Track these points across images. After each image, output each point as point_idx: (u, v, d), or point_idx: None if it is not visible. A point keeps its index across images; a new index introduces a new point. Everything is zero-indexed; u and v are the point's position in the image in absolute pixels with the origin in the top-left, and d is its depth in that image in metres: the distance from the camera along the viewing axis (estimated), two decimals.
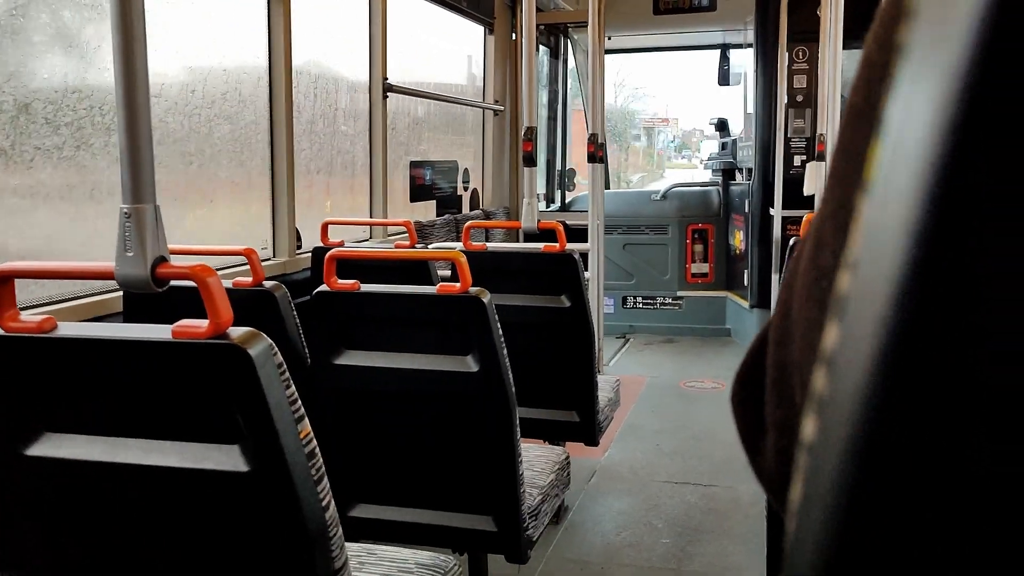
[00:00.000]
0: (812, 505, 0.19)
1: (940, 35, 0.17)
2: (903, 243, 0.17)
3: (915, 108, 0.17)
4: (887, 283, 0.17)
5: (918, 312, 0.17)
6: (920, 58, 0.18)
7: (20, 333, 1.10)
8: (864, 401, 0.17)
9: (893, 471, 0.17)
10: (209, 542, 1.15)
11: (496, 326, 1.77)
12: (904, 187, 0.17)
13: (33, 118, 2.06)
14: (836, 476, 0.18)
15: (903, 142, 0.17)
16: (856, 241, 0.19)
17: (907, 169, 0.17)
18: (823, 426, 0.19)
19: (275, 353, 1.06)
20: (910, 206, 0.17)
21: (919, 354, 0.17)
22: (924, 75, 0.17)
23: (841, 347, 0.18)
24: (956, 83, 0.16)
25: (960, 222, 0.16)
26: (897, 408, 0.17)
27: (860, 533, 0.17)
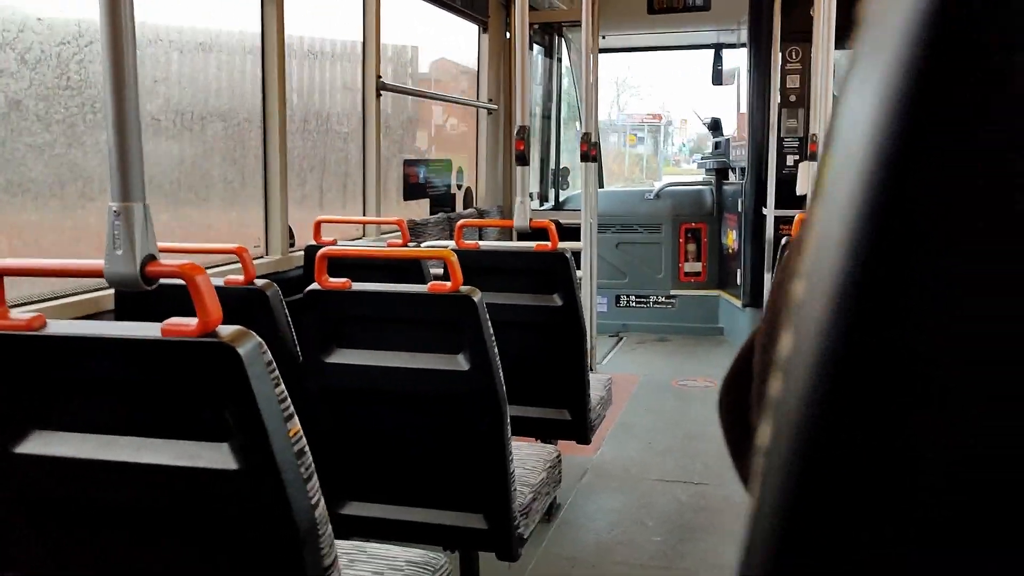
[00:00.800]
0: (763, 509, 0.19)
1: (880, 43, 0.17)
2: (843, 251, 0.17)
3: (858, 116, 0.17)
4: (829, 292, 0.17)
5: (855, 319, 0.17)
6: (864, 66, 0.18)
7: (9, 331, 1.10)
8: (807, 405, 0.17)
9: (833, 479, 0.17)
10: (199, 539, 1.15)
11: (487, 325, 1.77)
12: (846, 196, 0.17)
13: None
14: (782, 481, 0.18)
15: (848, 150, 0.18)
16: (808, 249, 0.19)
17: (849, 178, 0.17)
18: (775, 431, 0.19)
19: (264, 351, 1.06)
20: (850, 215, 0.17)
21: (856, 360, 0.17)
22: (866, 83, 0.17)
23: (792, 354, 0.19)
24: (890, 92, 0.16)
25: (896, 232, 0.17)
26: (836, 413, 0.17)
27: (800, 540, 0.18)
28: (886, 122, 0.16)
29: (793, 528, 0.18)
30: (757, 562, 0.19)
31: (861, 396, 0.17)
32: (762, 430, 0.20)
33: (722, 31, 5.85)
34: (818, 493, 0.17)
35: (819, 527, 0.17)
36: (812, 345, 0.17)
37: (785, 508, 0.18)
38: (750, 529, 0.19)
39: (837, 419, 0.17)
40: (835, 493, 0.17)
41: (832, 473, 0.17)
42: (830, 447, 0.17)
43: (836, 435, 0.17)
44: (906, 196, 0.16)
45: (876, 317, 0.17)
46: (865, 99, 0.17)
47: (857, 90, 0.18)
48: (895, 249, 0.17)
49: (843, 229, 0.17)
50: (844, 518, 0.17)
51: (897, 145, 0.16)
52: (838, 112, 0.19)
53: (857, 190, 0.17)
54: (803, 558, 0.18)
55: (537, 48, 5.91)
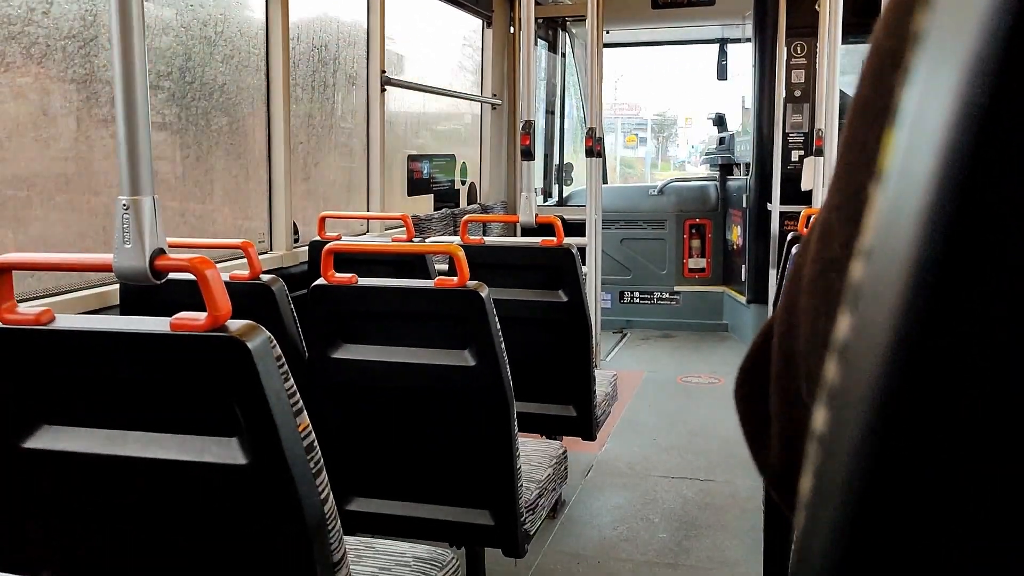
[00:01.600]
0: (824, 497, 0.18)
1: (959, 22, 0.17)
2: (920, 232, 0.17)
3: (933, 97, 0.17)
4: (903, 272, 0.17)
5: (935, 301, 0.16)
6: (938, 46, 0.17)
7: (18, 325, 1.09)
8: (878, 391, 0.17)
9: (907, 463, 0.17)
10: (208, 535, 1.15)
11: (494, 320, 1.77)
12: (921, 176, 0.17)
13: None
14: (849, 468, 0.17)
15: (920, 131, 0.17)
16: (870, 230, 0.18)
17: (925, 158, 0.17)
18: (835, 417, 0.18)
19: (274, 346, 1.05)
20: (928, 195, 0.17)
21: (935, 344, 0.17)
22: (943, 63, 0.17)
23: (854, 337, 0.18)
24: (976, 71, 0.16)
25: (979, 212, 0.16)
26: (911, 398, 0.17)
27: (874, 526, 0.17)
28: (971, 101, 0.16)
29: (862, 516, 0.17)
30: (819, 551, 0.18)
31: (938, 381, 0.16)
32: (817, 416, 0.19)
33: (727, 26, 5.83)
34: (892, 480, 0.17)
35: (891, 516, 0.17)
36: (881, 327, 0.17)
37: (853, 496, 0.17)
38: (807, 519, 0.19)
39: (911, 405, 0.17)
40: (911, 480, 0.17)
41: (908, 460, 0.17)
42: (905, 432, 0.17)
43: (911, 420, 0.17)
44: (991, 172, 0.16)
45: (957, 297, 0.16)
46: (942, 78, 0.17)
47: (929, 68, 0.17)
48: (978, 227, 0.16)
49: (920, 207, 0.17)
50: (921, 506, 0.17)
51: (983, 121, 0.16)
52: (900, 92, 0.18)
53: (939, 168, 0.16)
54: (874, 546, 0.17)
55: (541, 43, 5.90)
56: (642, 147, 16.63)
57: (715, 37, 6.04)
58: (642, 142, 16.57)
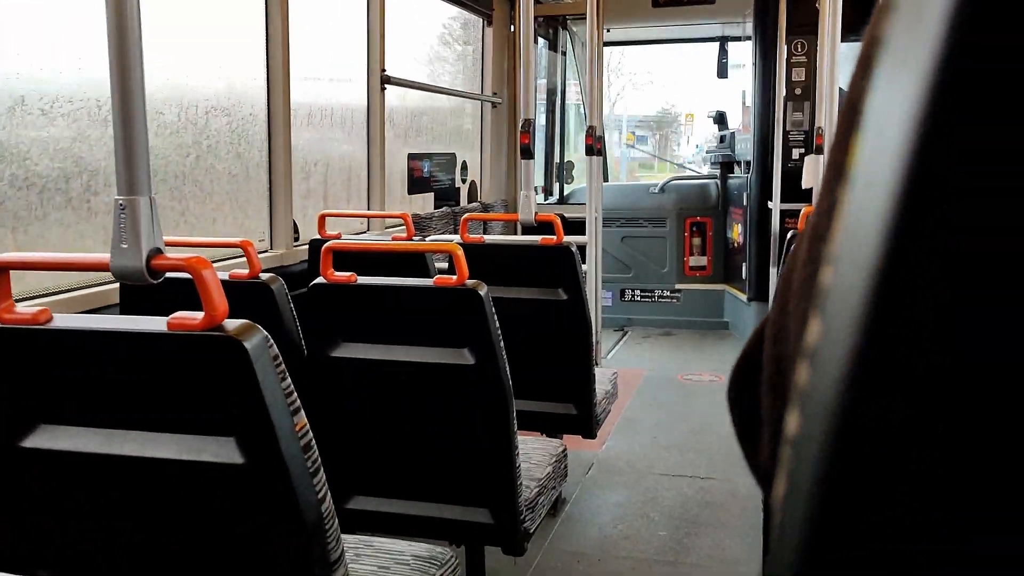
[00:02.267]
0: (794, 499, 0.18)
1: (915, 27, 0.17)
2: (879, 236, 0.17)
3: (892, 101, 0.17)
4: (863, 276, 0.17)
5: (892, 305, 0.16)
6: (897, 50, 0.17)
7: (15, 325, 1.09)
8: (842, 395, 0.17)
9: (870, 465, 0.17)
10: (206, 534, 1.15)
11: (493, 318, 1.77)
12: (881, 180, 0.17)
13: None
14: (816, 470, 0.17)
15: (881, 135, 0.17)
16: (837, 234, 0.19)
17: (884, 162, 0.17)
18: (805, 420, 0.19)
19: (271, 345, 1.05)
20: (885, 199, 0.17)
21: (894, 348, 0.17)
22: (900, 67, 0.17)
23: (822, 341, 0.18)
24: (929, 75, 0.16)
25: (933, 215, 0.16)
26: (873, 402, 0.17)
27: (838, 528, 0.17)
28: (926, 104, 0.16)
29: (828, 518, 0.17)
30: (789, 552, 0.18)
31: (897, 383, 0.16)
32: (789, 420, 0.19)
33: (727, 24, 5.82)
34: (853, 483, 0.17)
35: (855, 517, 0.17)
36: (844, 332, 0.17)
37: (819, 498, 0.17)
38: (779, 519, 0.19)
39: (872, 407, 0.17)
40: (871, 483, 0.17)
41: (868, 463, 0.17)
42: (865, 436, 0.17)
43: (871, 424, 0.17)
44: (947, 179, 0.16)
45: (914, 302, 0.16)
46: (901, 82, 0.17)
47: (889, 73, 0.17)
48: (935, 233, 0.16)
49: (879, 213, 0.17)
50: (880, 507, 0.17)
51: (937, 127, 0.16)
52: (865, 97, 0.19)
53: (894, 173, 0.16)
54: (839, 547, 0.17)
55: (541, 41, 5.89)
56: (645, 146, 15.73)
57: (715, 35, 6.04)
58: (642, 141, 15.77)
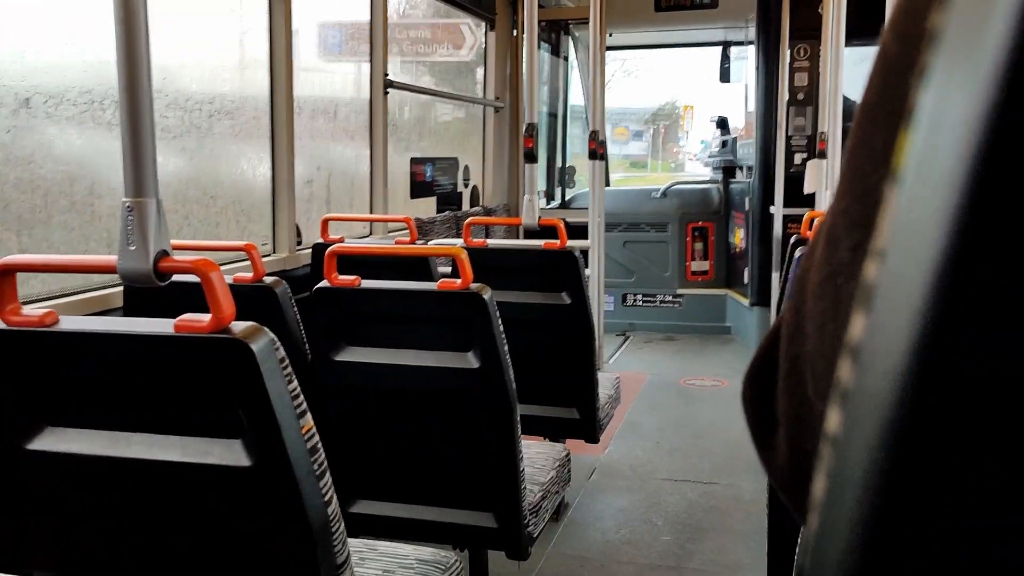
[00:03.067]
0: (838, 498, 0.18)
1: (976, 21, 0.17)
2: (938, 232, 0.16)
3: (951, 96, 0.17)
4: (920, 272, 0.17)
5: (952, 301, 0.16)
6: (955, 45, 0.17)
7: (22, 327, 1.09)
8: (893, 392, 0.17)
9: (925, 462, 0.17)
10: (212, 537, 1.14)
11: (497, 322, 1.76)
12: (940, 176, 0.17)
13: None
14: (865, 468, 0.17)
15: (938, 131, 0.17)
16: (884, 230, 0.18)
17: (943, 158, 0.17)
18: (849, 418, 0.18)
19: (277, 348, 1.05)
20: (946, 195, 0.16)
21: (953, 344, 0.16)
22: (960, 62, 0.17)
23: (869, 337, 0.18)
24: (994, 70, 0.16)
25: (998, 210, 0.16)
26: (929, 398, 0.17)
27: (891, 525, 0.17)
28: (990, 98, 0.16)
29: (878, 519, 0.17)
30: (836, 551, 0.18)
31: (956, 380, 0.16)
32: (831, 417, 0.19)
33: (730, 28, 5.83)
34: (904, 484, 0.17)
35: (906, 519, 0.17)
36: (898, 327, 0.17)
37: (867, 499, 0.17)
38: (821, 520, 0.19)
39: (926, 406, 0.17)
40: (926, 481, 0.17)
41: (923, 460, 0.17)
42: (918, 436, 0.17)
43: (925, 423, 0.17)
44: (1009, 172, 0.16)
45: (974, 297, 0.16)
46: (960, 78, 0.17)
47: (946, 68, 0.17)
48: (996, 227, 0.16)
49: (937, 208, 0.17)
50: (933, 511, 0.17)
51: (1003, 121, 0.16)
52: (916, 93, 0.18)
53: (955, 168, 0.16)
54: (890, 549, 0.17)
55: (544, 46, 5.90)
56: (638, 143, 14.14)
57: (718, 40, 6.04)
58: (637, 137, 14.51)
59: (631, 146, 14.23)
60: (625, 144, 13.96)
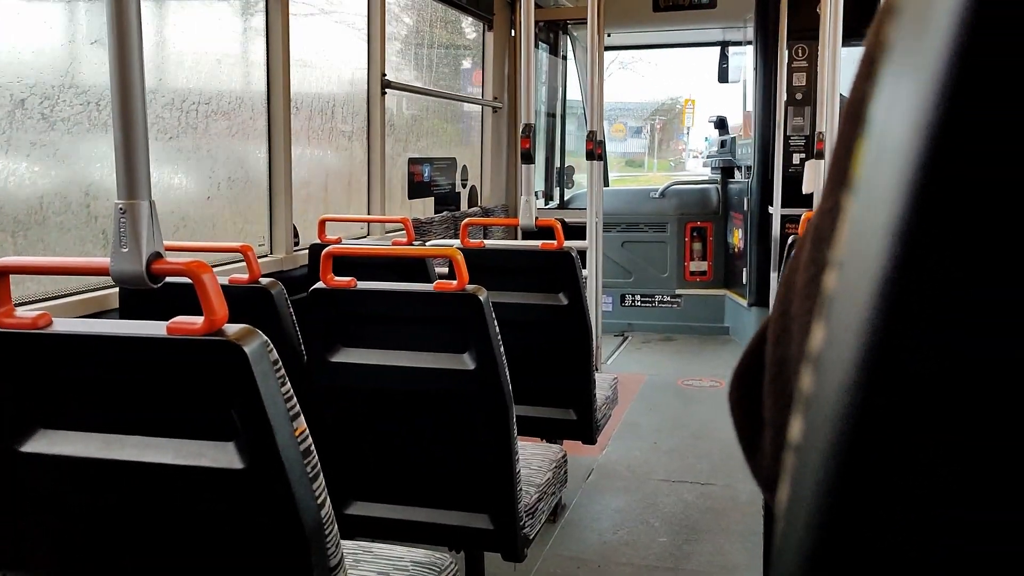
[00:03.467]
0: (797, 506, 0.18)
1: (921, 32, 0.17)
2: (885, 242, 0.16)
3: (897, 105, 0.17)
4: (870, 282, 0.17)
5: (899, 312, 0.16)
6: (902, 55, 0.17)
7: (15, 329, 1.09)
8: (846, 401, 0.17)
9: (874, 472, 0.17)
10: (204, 539, 1.14)
11: (493, 323, 1.76)
12: (886, 185, 0.17)
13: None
14: (819, 476, 0.17)
15: (886, 140, 0.17)
16: (841, 240, 0.18)
17: (889, 167, 0.17)
18: (808, 426, 0.18)
19: (270, 350, 1.05)
20: (892, 204, 0.16)
21: (900, 354, 0.16)
22: (906, 72, 0.17)
23: (826, 347, 0.18)
24: (935, 80, 0.16)
25: (941, 221, 0.16)
26: (878, 408, 0.17)
27: (840, 535, 0.17)
28: (931, 109, 0.16)
29: (832, 524, 0.17)
30: (791, 558, 0.18)
31: (903, 389, 0.16)
32: (793, 425, 0.19)
33: (728, 28, 5.83)
34: (857, 489, 0.17)
35: (860, 523, 0.17)
36: (850, 337, 0.17)
37: (822, 505, 0.17)
38: (783, 525, 0.19)
39: (877, 413, 0.17)
40: (876, 489, 0.17)
41: (873, 469, 0.17)
42: (869, 442, 0.17)
43: (876, 430, 0.17)
44: (953, 183, 0.16)
45: (921, 307, 0.16)
46: (904, 87, 0.17)
47: (893, 78, 0.17)
48: (941, 237, 0.16)
49: (884, 218, 0.17)
50: (885, 513, 0.17)
51: (943, 131, 0.16)
52: (869, 103, 0.18)
53: (899, 178, 0.16)
54: (844, 554, 0.17)
55: (542, 46, 5.90)
56: (635, 140, 13.62)
57: (716, 40, 6.05)
58: (636, 134, 13.92)
59: (630, 143, 13.72)
60: (623, 141, 13.54)
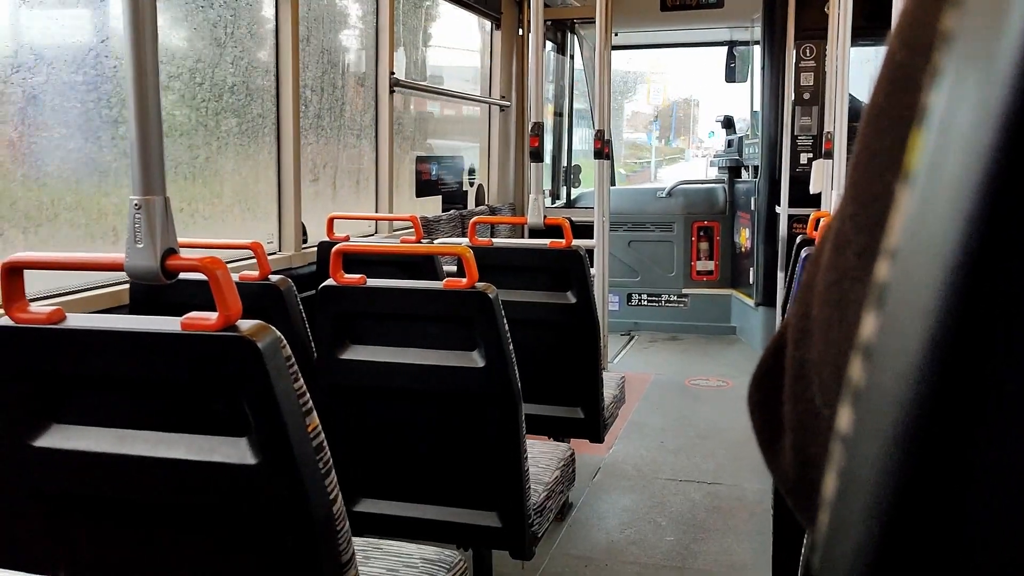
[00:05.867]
0: (850, 497, 0.18)
1: (990, 21, 0.17)
2: (953, 231, 0.16)
3: (964, 96, 0.17)
4: (934, 271, 0.17)
5: (966, 300, 0.16)
6: (968, 45, 0.17)
7: (29, 324, 1.10)
8: (908, 390, 0.17)
9: (939, 461, 0.17)
10: (217, 534, 1.15)
11: (502, 321, 1.76)
12: (953, 175, 0.17)
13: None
14: (878, 467, 0.17)
15: (951, 131, 0.17)
16: (897, 230, 0.18)
17: (956, 158, 0.17)
18: (860, 417, 0.18)
19: (284, 346, 1.06)
20: (960, 194, 0.16)
21: (967, 342, 0.16)
22: (973, 62, 0.17)
23: (881, 336, 0.18)
24: (1005, 71, 0.16)
25: (1014, 209, 0.16)
26: (943, 397, 0.17)
27: (905, 524, 0.17)
28: (1002, 99, 0.16)
29: (899, 514, 0.17)
30: (847, 552, 0.18)
31: (971, 379, 0.16)
32: (842, 416, 0.19)
33: (735, 28, 5.82)
34: (922, 480, 0.17)
35: (928, 516, 0.17)
36: (911, 326, 0.17)
37: (884, 498, 0.17)
38: (831, 519, 0.19)
39: (942, 404, 0.17)
40: (942, 479, 0.17)
41: (938, 459, 0.17)
42: (936, 433, 0.17)
43: (943, 418, 0.17)
44: (1021, 172, 0.16)
45: (988, 295, 0.16)
46: (972, 76, 0.17)
47: (958, 68, 0.17)
48: (1013, 223, 0.16)
49: (951, 209, 0.17)
50: (952, 504, 0.17)
51: (1014, 121, 0.16)
52: (929, 93, 0.18)
53: (969, 168, 0.16)
54: (910, 545, 0.17)
55: (550, 45, 5.90)
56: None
57: (724, 40, 6.04)
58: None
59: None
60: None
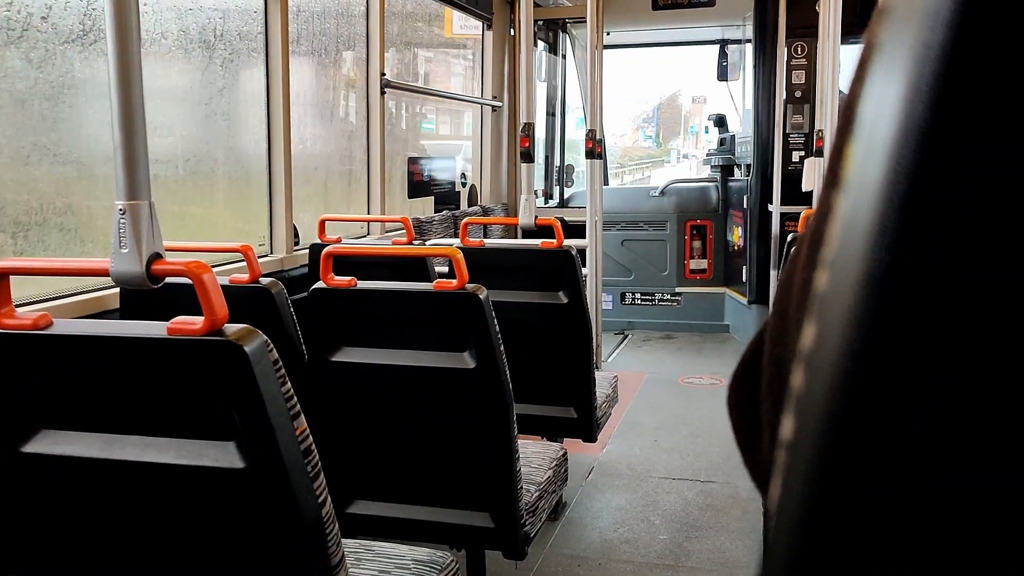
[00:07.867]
0: (787, 502, 0.19)
1: (908, 33, 0.17)
2: (872, 242, 0.17)
3: (885, 106, 0.17)
4: (857, 282, 0.17)
5: (885, 312, 0.17)
6: (890, 55, 0.17)
7: (16, 330, 1.09)
8: (834, 399, 0.17)
9: (861, 470, 0.17)
10: (206, 538, 1.15)
11: (493, 322, 1.77)
12: (873, 186, 0.17)
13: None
14: (808, 473, 0.18)
15: (874, 140, 0.17)
16: (831, 240, 0.19)
17: (876, 168, 0.17)
18: (799, 424, 0.19)
19: (271, 350, 1.05)
20: (878, 205, 0.17)
21: (886, 353, 0.17)
22: (893, 73, 0.17)
23: (816, 346, 0.18)
24: (921, 80, 0.16)
25: (926, 222, 0.16)
26: (866, 407, 0.17)
27: (828, 531, 0.17)
28: (916, 109, 0.16)
29: (820, 521, 0.17)
30: (781, 554, 0.18)
31: (889, 388, 0.17)
32: (784, 424, 0.20)
33: (727, 27, 5.83)
34: (845, 487, 0.17)
35: (847, 520, 0.17)
36: (838, 336, 0.17)
37: (812, 502, 0.17)
38: (774, 522, 0.19)
39: (864, 411, 0.17)
40: (863, 487, 0.17)
41: (860, 466, 0.17)
42: (857, 440, 0.17)
43: (864, 428, 0.17)
44: (938, 184, 0.16)
45: (905, 307, 0.16)
46: (892, 88, 0.17)
47: (882, 79, 0.18)
48: (926, 237, 0.16)
49: (871, 219, 0.17)
50: (872, 511, 0.17)
51: (928, 132, 0.16)
52: (859, 103, 0.19)
53: (886, 179, 0.17)
54: (832, 551, 0.17)
55: (541, 45, 5.90)
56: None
57: (715, 38, 6.05)
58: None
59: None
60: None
